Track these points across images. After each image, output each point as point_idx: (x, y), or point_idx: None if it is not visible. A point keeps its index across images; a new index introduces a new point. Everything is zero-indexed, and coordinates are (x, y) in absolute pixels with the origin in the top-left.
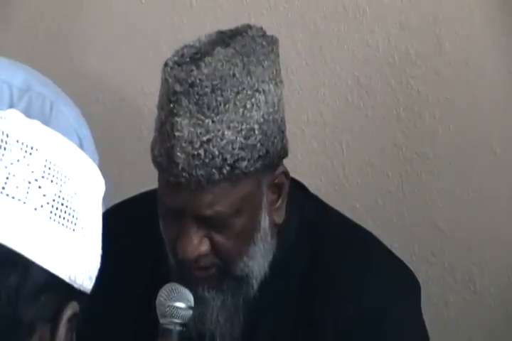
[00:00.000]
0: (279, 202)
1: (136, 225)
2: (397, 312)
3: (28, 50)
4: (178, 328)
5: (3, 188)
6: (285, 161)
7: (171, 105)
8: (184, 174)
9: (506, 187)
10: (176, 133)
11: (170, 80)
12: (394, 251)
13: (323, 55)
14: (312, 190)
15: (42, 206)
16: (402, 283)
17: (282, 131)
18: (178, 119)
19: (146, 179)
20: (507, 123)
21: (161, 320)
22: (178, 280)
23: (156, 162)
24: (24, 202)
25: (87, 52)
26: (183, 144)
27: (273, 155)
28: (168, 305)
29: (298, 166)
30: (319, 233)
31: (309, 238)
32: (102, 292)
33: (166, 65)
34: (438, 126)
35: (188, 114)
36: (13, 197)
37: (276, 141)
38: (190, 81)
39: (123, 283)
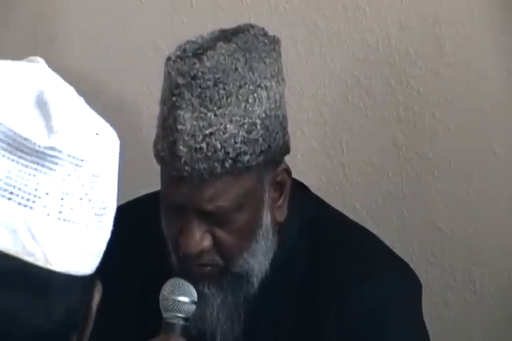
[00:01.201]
0: (281, 199)
1: (139, 226)
2: (397, 310)
3: (28, 50)
4: (181, 322)
5: (61, 213)
6: (285, 161)
7: (174, 98)
8: (186, 168)
9: (506, 187)
10: (179, 127)
11: (172, 73)
12: (394, 251)
13: (323, 55)
14: (312, 189)
15: (91, 220)
16: (402, 282)
17: (284, 128)
18: (181, 112)
19: (146, 179)
20: (507, 124)
21: (165, 314)
22: (180, 277)
23: (158, 156)
24: (78, 223)
25: (87, 52)
26: (186, 137)
27: (275, 150)
28: (172, 300)
29: (298, 166)
30: (320, 232)
31: (310, 237)
32: (105, 292)
33: (168, 59)
34: (438, 126)
35: (190, 107)
36: (69, 221)
37: (278, 136)
38: (192, 74)
39: (126, 284)
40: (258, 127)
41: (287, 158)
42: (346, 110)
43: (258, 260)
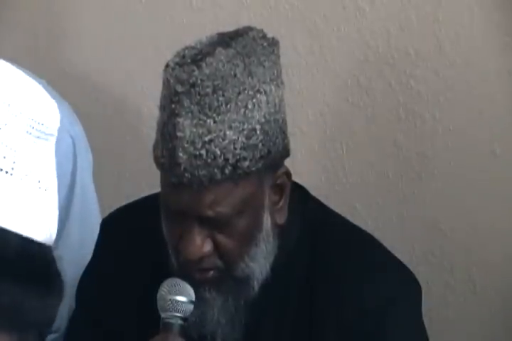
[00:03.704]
0: (281, 202)
1: (141, 228)
2: (397, 313)
3: (28, 50)
4: (179, 322)
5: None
6: (285, 161)
7: (173, 106)
8: (186, 174)
9: (506, 187)
10: (178, 134)
11: (171, 81)
12: (394, 251)
13: (323, 55)
14: (312, 190)
15: (27, 175)
16: (402, 284)
17: (284, 132)
18: (180, 120)
19: (146, 180)
20: (507, 124)
21: (162, 314)
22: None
23: (158, 163)
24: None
25: (87, 52)
26: (185, 145)
27: (275, 155)
28: (169, 299)
29: (298, 166)
30: (320, 235)
31: (310, 239)
32: (104, 296)
33: (167, 66)
34: (438, 126)
35: (189, 115)
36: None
37: (277, 141)
38: (191, 81)
39: (127, 284)
40: (258, 132)
41: (287, 159)
42: (346, 110)
43: (259, 263)
